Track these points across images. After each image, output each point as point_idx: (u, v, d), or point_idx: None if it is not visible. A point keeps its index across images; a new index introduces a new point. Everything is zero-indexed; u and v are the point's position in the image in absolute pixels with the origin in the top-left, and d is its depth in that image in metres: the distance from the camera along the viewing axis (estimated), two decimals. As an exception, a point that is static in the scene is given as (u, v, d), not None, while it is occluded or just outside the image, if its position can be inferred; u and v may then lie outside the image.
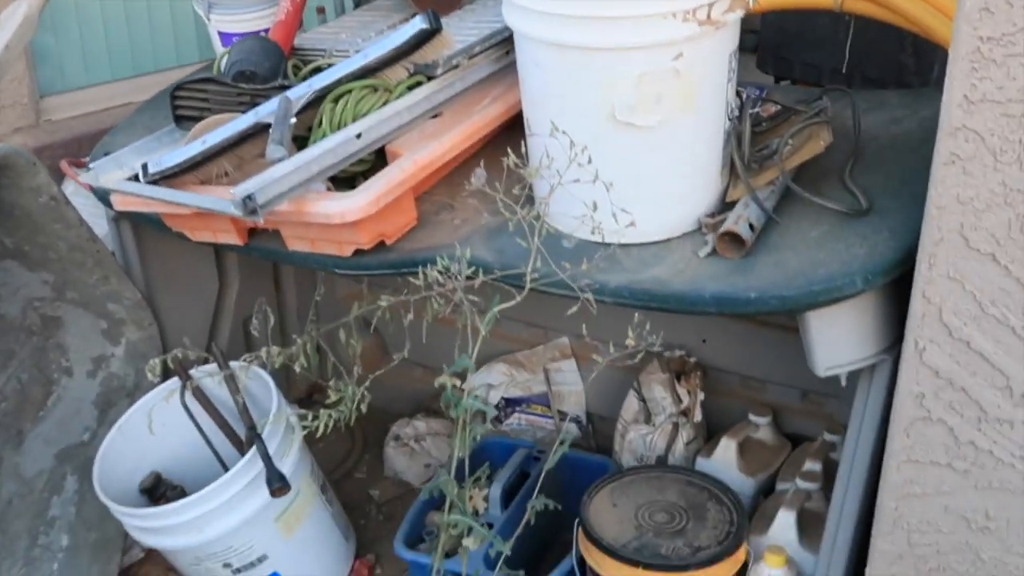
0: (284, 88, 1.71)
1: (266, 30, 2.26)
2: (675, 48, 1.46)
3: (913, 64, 3.46)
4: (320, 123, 1.70)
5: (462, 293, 1.40)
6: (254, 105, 1.74)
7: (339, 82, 1.68)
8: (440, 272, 1.42)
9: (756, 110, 1.85)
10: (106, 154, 2.19)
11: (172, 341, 2.33)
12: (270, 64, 1.75)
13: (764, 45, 2.88)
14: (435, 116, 1.81)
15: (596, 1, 1.43)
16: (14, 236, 2.15)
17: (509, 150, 1.37)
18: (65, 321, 2.30)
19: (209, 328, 2.58)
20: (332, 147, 1.61)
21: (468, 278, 1.43)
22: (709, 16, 1.45)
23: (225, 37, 2.29)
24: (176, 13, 3.61)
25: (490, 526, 1.80)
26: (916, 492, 1.48)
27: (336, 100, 1.69)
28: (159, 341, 2.36)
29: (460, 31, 1.88)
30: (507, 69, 1.92)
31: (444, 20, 1.82)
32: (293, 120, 1.61)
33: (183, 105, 1.79)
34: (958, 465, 1.43)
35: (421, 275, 1.40)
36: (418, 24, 1.64)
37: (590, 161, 1.36)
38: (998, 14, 1.21)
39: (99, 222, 2.53)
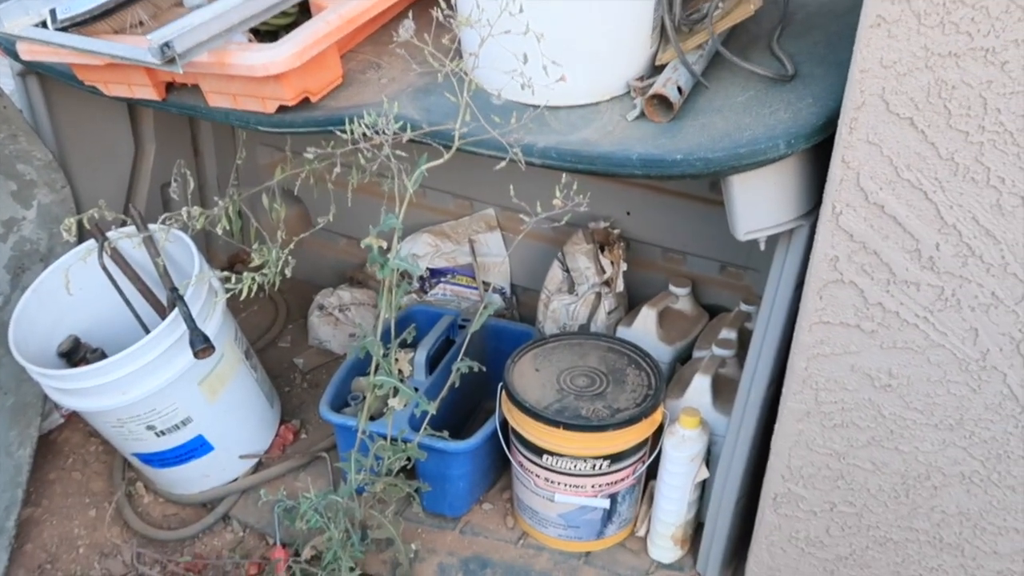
0: None
1: None
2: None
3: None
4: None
5: (389, 149, 1.38)
6: (170, -48, 1.65)
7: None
8: (367, 127, 1.39)
9: (688, -26, 1.83)
10: None
11: (87, 205, 2.26)
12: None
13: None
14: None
15: None
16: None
17: (440, 2, 1.33)
18: (-29, 181, 2.21)
19: (126, 193, 2.51)
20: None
21: (395, 134, 1.41)
22: None
23: None
24: None
25: (416, 391, 1.83)
26: (825, 352, 1.54)
27: None
28: (72, 204, 2.29)
29: None
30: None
31: None
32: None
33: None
34: (866, 326, 1.49)
35: (348, 130, 1.37)
36: None
37: (521, 10, 1.33)
38: None
39: (3, 80, 2.41)
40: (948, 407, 1.51)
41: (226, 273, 1.76)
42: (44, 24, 1.69)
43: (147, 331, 2.00)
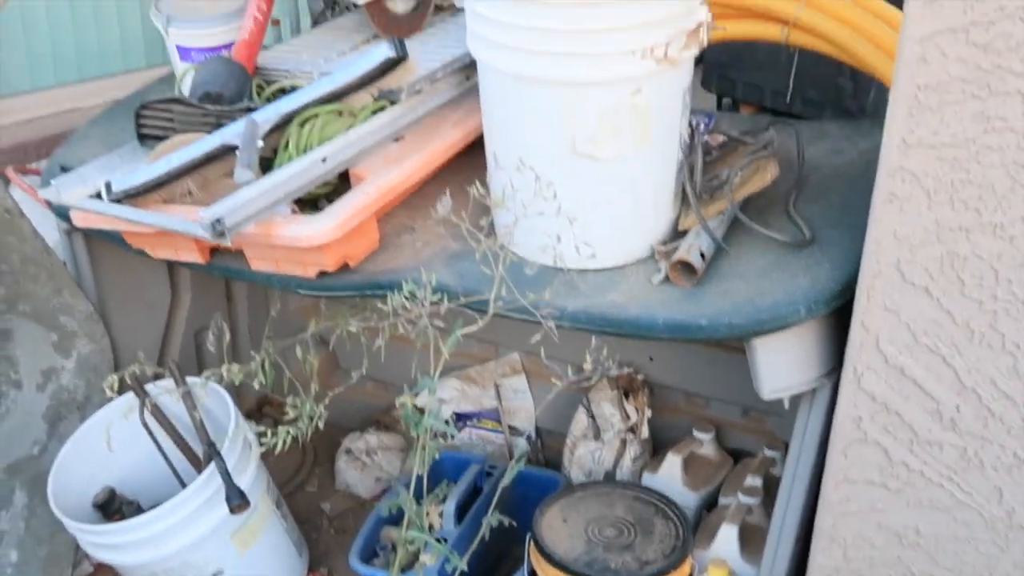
0: (250, 110, 1.74)
1: (226, 45, 2.28)
2: (634, 84, 1.53)
3: (851, 88, 3.60)
4: (286, 146, 1.73)
5: (427, 319, 1.45)
6: (219, 126, 1.77)
7: (306, 106, 1.71)
8: (406, 297, 1.47)
9: (705, 139, 1.93)
10: (63, 168, 2.19)
11: (123, 353, 2.34)
12: (236, 86, 1.77)
13: (708, 64, 2.99)
14: (397, 140, 1.86)
15: (559, 38, 1.49)
16: (-33, 249, 2.13)
17: (477, 184, 1.42)
18: (15, 334, 2.28)
19: (161, 341, 2.58)
20: (298, 171, 1.65)
21: (433, 303, 1.48)
22: (666, 54, 1.53)
23: (183, 51, 2.30)
24: (123, 17, 3.59)
25: (444, 541, 1.85)
26: (852, 510, 1.57)
27: (303, 124, 1.72)
28: (110, 354, 2.35)
29: (423, 55, 1.93)
30: (467, 94, 1.98)
31: (406, 43, 1.87)
32: (260, 143, 1.64)
33: (148, 124, 1.80)
34: (891, 484, 1.52)
35: (389, 301, 1.44)
36: (384, 52, 1.68)
37: (555, 196, 1.42)
38: (934, 64, 1.30)
39: (48, 232, 2.52)
40: (976, 565, 1.52)
41: (260, 428, 1.81)
42: (99, 195, 1.79)
43: (182, 483, 2.04)
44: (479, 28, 1.61)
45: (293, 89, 1.88)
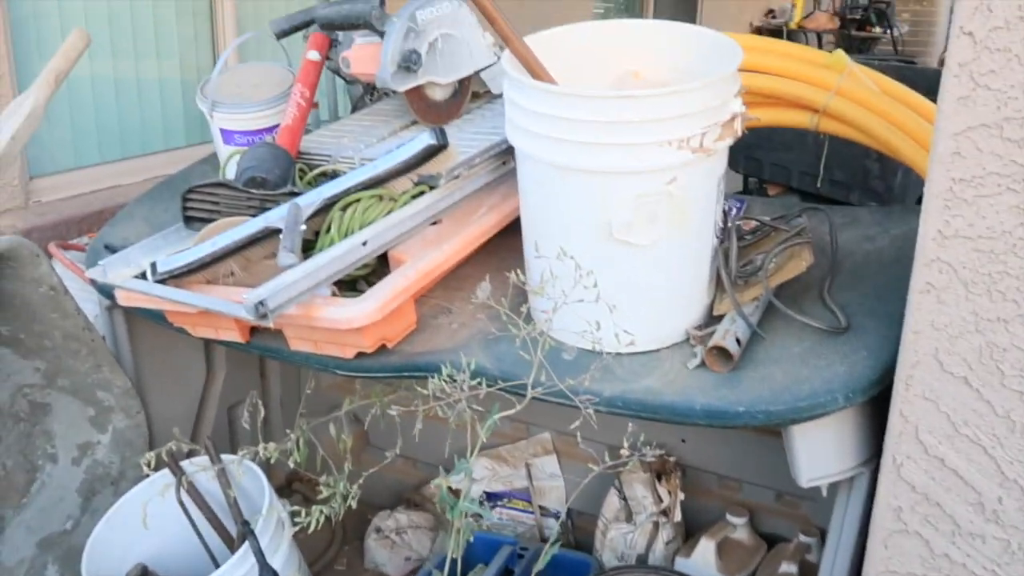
0: (294, 195, 1.79)
1: (268, 129, 2.34)
2: (670, 173, 1.56)
3: (877, 169, 3.65)
4: (328, 229, 1.77)
5: (466, 404, 1.46)
6: (263, 209, 1.81)
7: (347, 191, 1.76)
8: (444, 381, 1.48)
9: (738, 223, 1.96)
10: (108, 247, 2.24)
11: (158, 428, 2.36)
12: (280, 171, 1.82)
13: (735, 145, 3.04)
14: (435, 223, 1.90)
15: (595, 129, 1.53)
16: (11, 325, 2.18)
17: (516, 272, 1.45)
18: (54, 408, 2.31)
19: (195, 415, 2.60)
20: (340, 255, 1.68)
21: (471, 388, 1.49)
22: (702, 144, 1.56)
23: (227, 135, 2.37)
24: (166, 97, 3.70)
25: (477, 626, 1.83)
26: (894, 602, 1.54)
27: (344, 208, 1.76)
28: (146, 429, 2.38)
29: (461, 141, 1.98)
30: (502, 178, 2.02)
31: (445, 129, 1.92)
32: (303, 227, 1.68)
33: (194, 207, 1.85)
34: (934, 576, 1.50)
35: (429, 386, 1.46)
36: (426, 140, 1.73)
37: (596, 284, 1.44)
38: (968, 158, 1.32)
39: (88, 306, 2.56)
40: (1023, 662, 1.49)
41: (294, 508, 1.81)
42: (143, 275, 1.83)
43: (215, 561, 2.04)
44: (517, 118, 1.65)
45: (335, 174, 1.93)
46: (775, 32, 9.84)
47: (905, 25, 10.16)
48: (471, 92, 2.18)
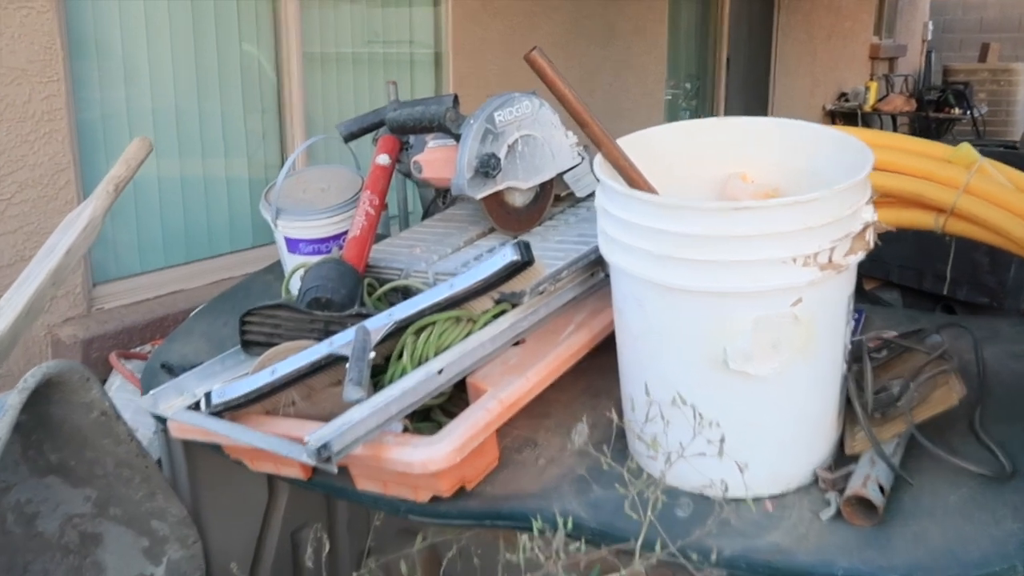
0: (361, 316, 1.61)
1: (334, 237, 2.19)
2: (794, 293, 1.34)
3: (988, 263, 3.38)
4: (400, 355, 1.58)
5: (563, 573, 1.24)
6: (328, 332, 1.64)
7: (421, 313, 1.57)
8: (535, 543, 1.26)
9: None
10: (163, 366, 2.09)
11: (215, 557, 2.17)
12: (346, 291, 1.65)
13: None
14: (517, 343, 1.70)
15: (708, 245, 1.32)
16: (60, 452, 2.03)
17: (613, 412, 1.24)
18: (105, 539, 2.14)
19: (256, 541, 2.40)
20: (413, 386, 1.49)
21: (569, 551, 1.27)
22: (830, 260, 1.34)
23: (291, 243, 2.22)
24: (233, 197, 3.62)
25: None
26: None
27: (418, 332, 1.57)
28: (202, 560, 2.18)
29: (544, 251, 1.79)
30: (591, 290, 1.82)
31: (525, 239, 1.74)
32: (372, 355, 1.50)
33: (252, 330, 1.68)
34: None
35: (519, 550, 1.24)
36: (509, 256, 1.54)
37: (712, 425, 1.22)
38: None
39: (146, 419, 2.42)
40: None
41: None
42: (197, 404, 1.66)
43: None
44: (612, 230, 1.46)
45: (407, 289, 1.76)
46: (849, 116, 9.63)
47: (984, 106, 9.85)
48: (553, 196, 2.00)
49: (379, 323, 1.56)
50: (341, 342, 1.56)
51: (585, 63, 5.46)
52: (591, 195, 2.04)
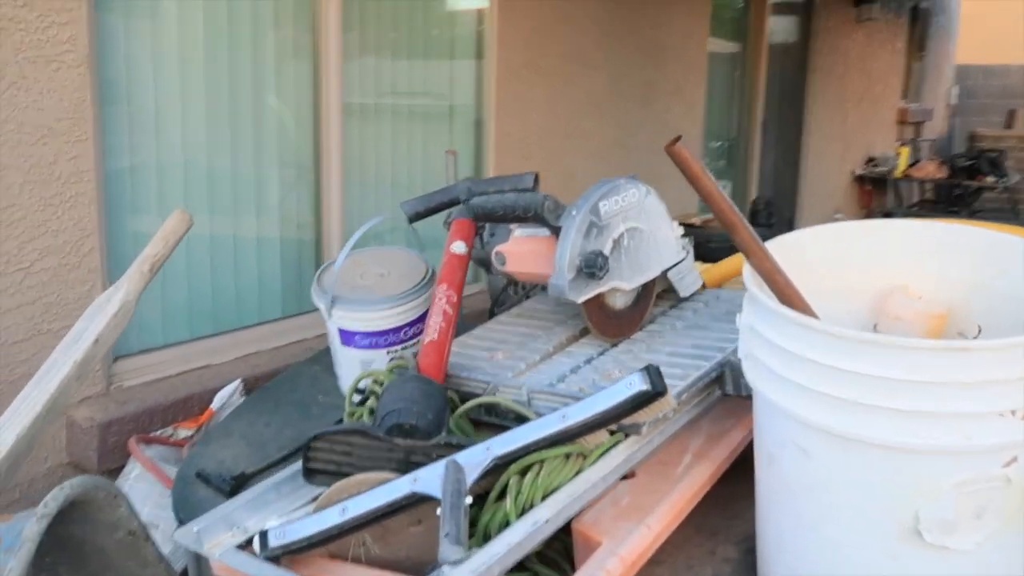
0: (451, 447, 1.35)
1: (396, 330, 1.95)
2: (1009, 452, 1.09)
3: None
4: (498, 496, 1.32)
5: None
6: (407, 462, 1.38)
7: (527, 449, 1.31)
8: None
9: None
10: (199, 475, 1.83)
11: None
12: (434, 416, 1.39)
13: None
14: (626, 476, 1.44)
15: (905, 390, 1.07)
16: (79, 574, 1.76)
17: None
18: (122, 673, 1.87)
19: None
20: (519, 541, 1.22)
21: None
22: (1050, 411, 1.09)
23: (346, 335, 1.97)
24: (263, 265, 3.37)
25: None
26: None
27: (523, 471, 1.31)
28: None
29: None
30: (704, 414, 1.57)
31: (626, 347, 1.49)
32: (468, 500, 1.23)
33: (318, 457, 1.42)
34: None
35: None
36: (637, 385, 1.28)
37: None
38: None
39: (166, 513, 2.15)
40: None
41: None
42: (248, 541, 1.40)
43: None
44: (770, 358, 1.20)
45: (494, 407, 1.50)
46: (878, 181, 9.43)
47: (1016, 174, 9.66)
48: (655, 296, 1.75)
49: (474, 459, 1.30)
50: (427, 479, 1.30)
51: (624, 123, 5.26)
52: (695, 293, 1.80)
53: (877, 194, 9.68)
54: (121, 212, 2.89)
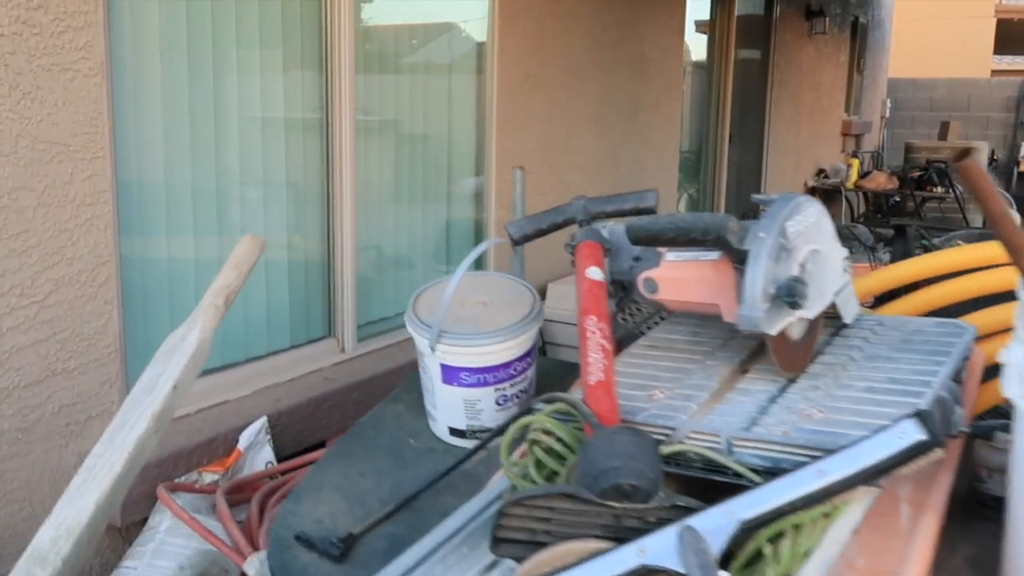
0: (678, 510, 1.16)
1: (505, 365, 1.76)
2: None
3: None
4: (745, 565, 1.14)
5: None
6: (618, 528, 1.18)
7: (779, 511, 1.13)
8: None
9: None
10: (299, 538, 1.62)
11: None
12: (654, 474, 1.20)
13: None
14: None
15: None
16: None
17: None
18: None
19: None
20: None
21: None
22: None
23: (449, 371, 1.77)
24: (272, 292, 3.12)
25: None
26: None
27: (775, 538, 1.14)
28: None
29: (856, 404, 1.38)
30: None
31: (808, 382, 1.32)
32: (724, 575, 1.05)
33: (511, 525, 1.21)
34: None
35: None
36: (913, 435, 1.12)
37: None
38: None
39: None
40: None
41: None
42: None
43: None
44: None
45: (678, 455, 1.31)
46: (831, 192, 9.53)
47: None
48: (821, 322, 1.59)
49: (714, 524, 1.11)
50: (657, 548, 1.11)
51: (614, 136, 5.13)
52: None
53: (826, 205, 9.79)
54: (132, 236, 2.62)
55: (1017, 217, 1.51)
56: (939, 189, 9.16)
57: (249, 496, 2.64)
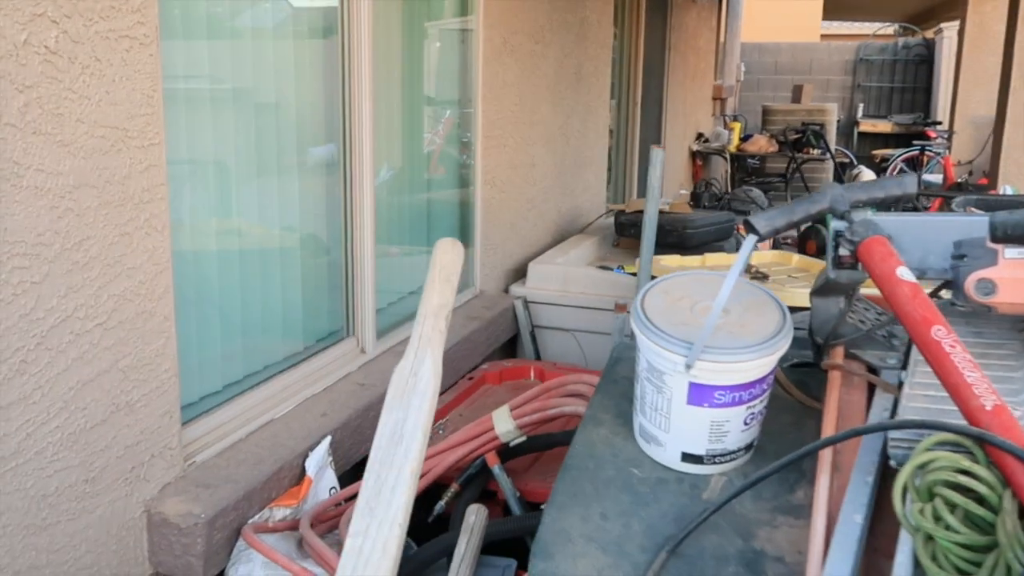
0: None
1: (753, 384, 1.55)
2: None
3: None
4: None
5: None
6: None
7: None
8: None
9: None
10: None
11: None
12: None
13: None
14: None
15: None
16: None
17: None
18: None
19: None
20: None
21: None
22: None
23: (700, 391, 1.55)
24: (289, 296, 2.74)
25: None
26: None
27: None
28: None
29: None
30: None
31: None
32: None
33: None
34: None
35: None
36: None
37: None
38: None
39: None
40: None
41: None
42: None
43: None
44: None
45: None
46: (706, 156, 9.70)
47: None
48: None
49: None
50: None
51: (564, 108, 4.93)
52: None
53: (707, 170, 9.97)
54: (180, 238, 2.21)
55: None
56: (816, 151, 9.50)
57: (326, 527, 2.32)
